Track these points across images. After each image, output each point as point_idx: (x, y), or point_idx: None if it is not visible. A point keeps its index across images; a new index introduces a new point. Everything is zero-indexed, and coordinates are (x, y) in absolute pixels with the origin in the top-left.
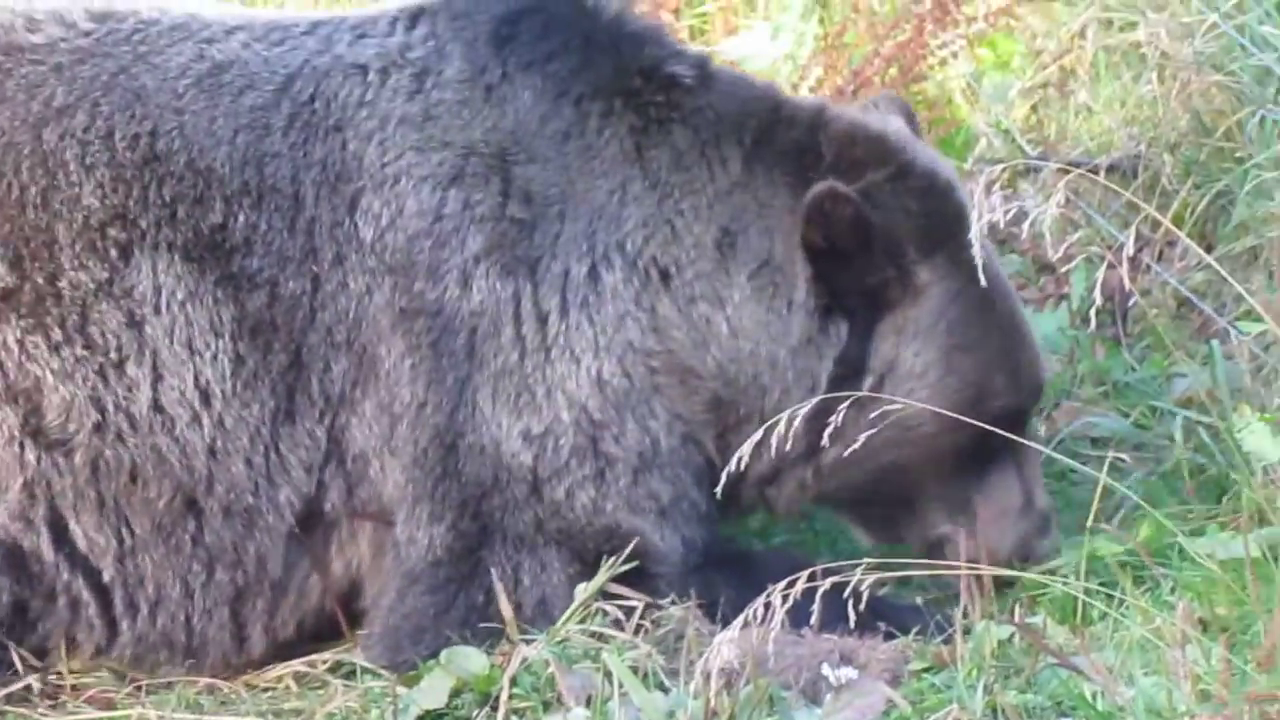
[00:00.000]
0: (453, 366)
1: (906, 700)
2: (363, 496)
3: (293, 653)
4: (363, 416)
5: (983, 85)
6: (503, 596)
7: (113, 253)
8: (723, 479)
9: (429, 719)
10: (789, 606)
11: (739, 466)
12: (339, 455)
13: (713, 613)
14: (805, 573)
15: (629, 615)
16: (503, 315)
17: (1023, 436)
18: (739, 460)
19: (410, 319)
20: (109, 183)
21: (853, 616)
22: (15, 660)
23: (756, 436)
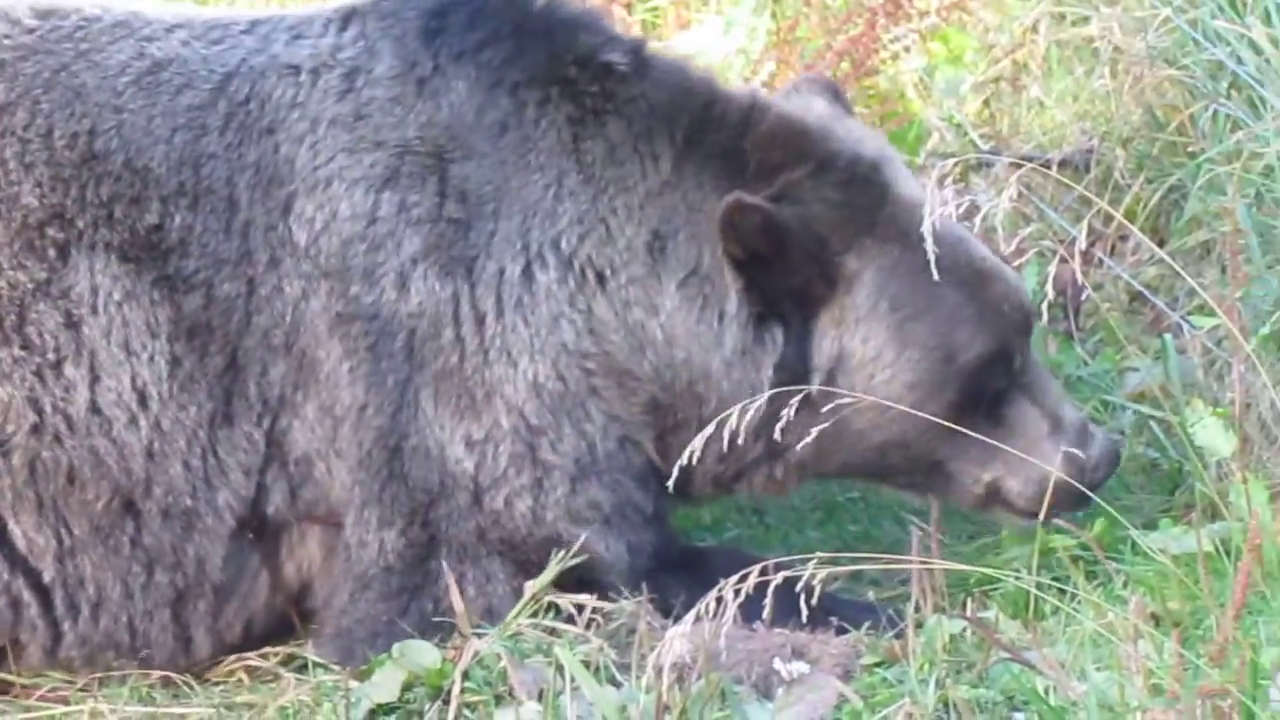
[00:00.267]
0: (392, 369)
1: (858, 695)
2: (308, 498)
3: (241, 653)
4: (305, 419)
5: (935, 79)
6: (454, 590)
7: (51, 252)
8: (674, 474)
9: (381, 713)
10: (741, 601)
11: (691, 460)
12: (280, 458)
13: (667, 610)
14: (757, 567)
15: (581, 610)
16: (442, 317)
17: (1019, 367)
18: (690, 454)
19: (347, 323)
20: (47, 182)
21: (805, 611)
22: None
23: (708, 431)
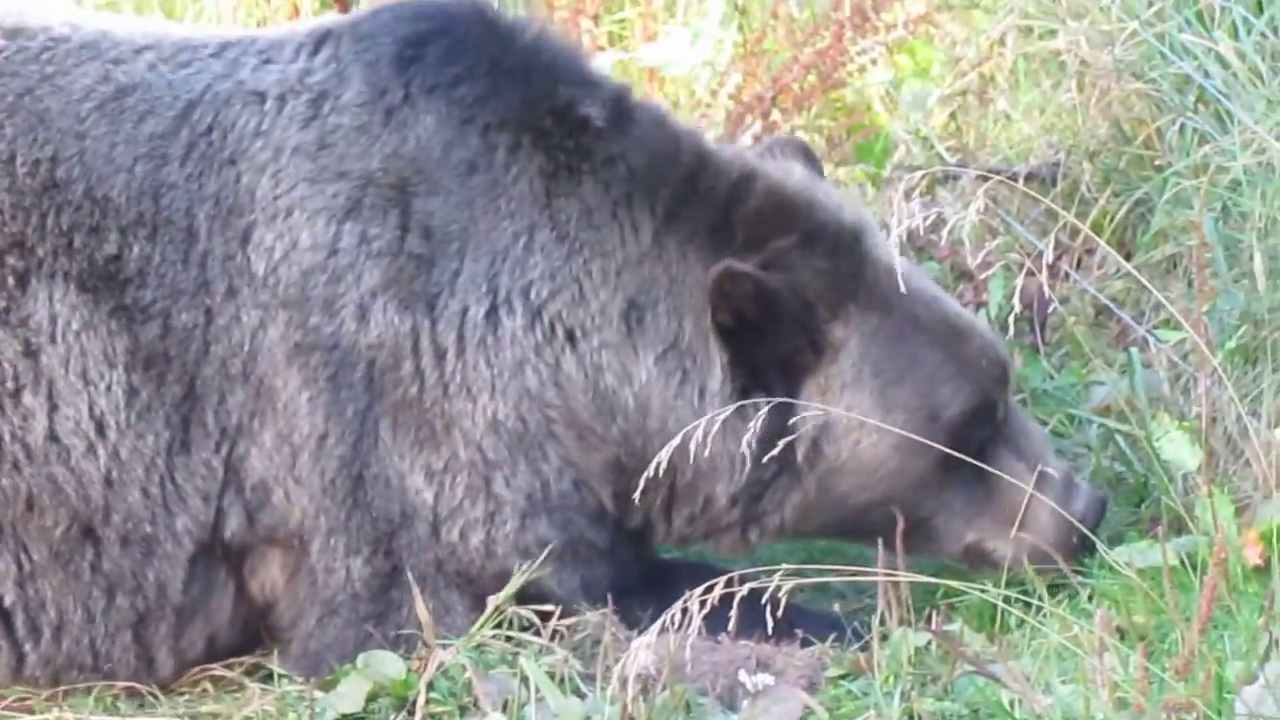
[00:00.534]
0: (352, 399)
1: (823, 707)
2: (266, 523)
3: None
4: (262, 446)
5: (902, 92)
6: (418, 602)
7: (10, 281)
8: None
9: None
10: (706, 613)
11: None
12: (237, 484)
13: (632, 623)
14: (722, 579)
15: (545, 621)
16: (401, 349)
17: (1001, 418)
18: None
19: (306, 353)
20: (9, 209)
21: (770, 623)
22: None
23: (649, 472)
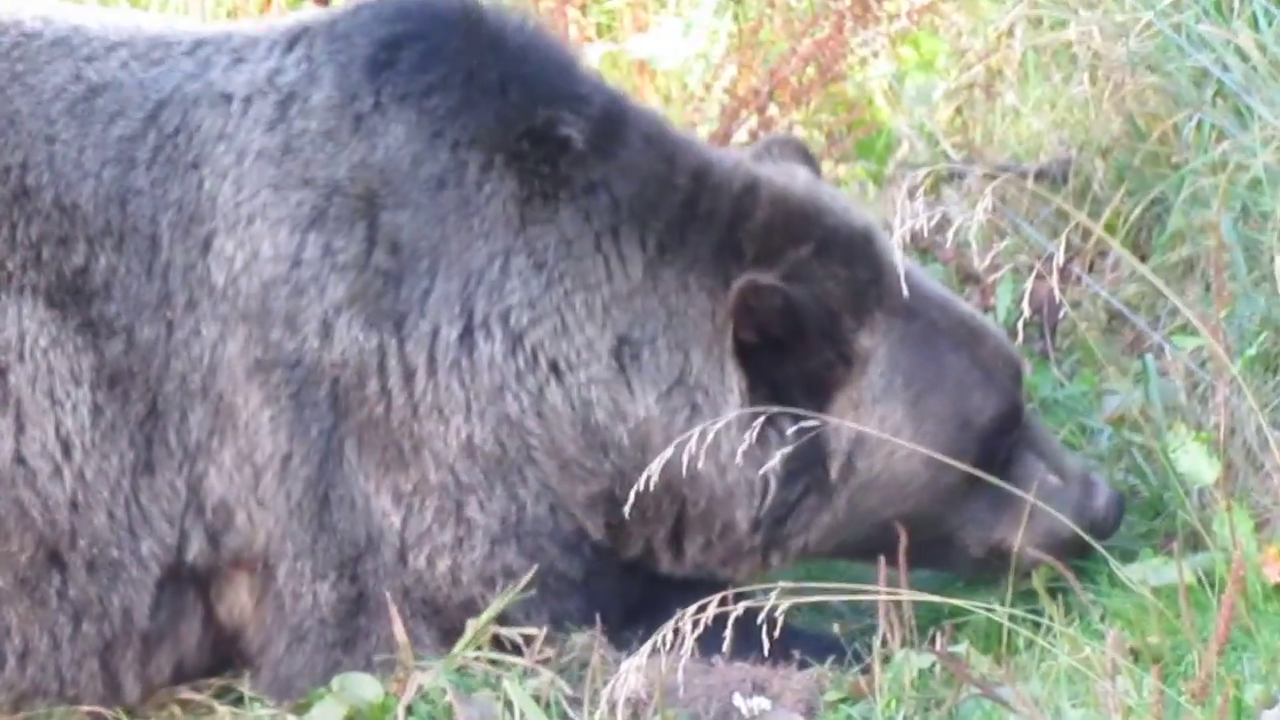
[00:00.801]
0: (316, 418)
1: None
2: (230, 546)
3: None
4: (222, 466)
5: (905, 86)
6: (395, 616)
7: None
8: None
9: None
10: (699, 633)
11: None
12: (198, 504)
13: (622, 645)
14: (716, 598)
15: (530, 642)
16: (366, 368)
17: (1023, 420)
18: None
19: (267, 370)
20: None
21: (766, 644)
22: None
23: (653, 468)
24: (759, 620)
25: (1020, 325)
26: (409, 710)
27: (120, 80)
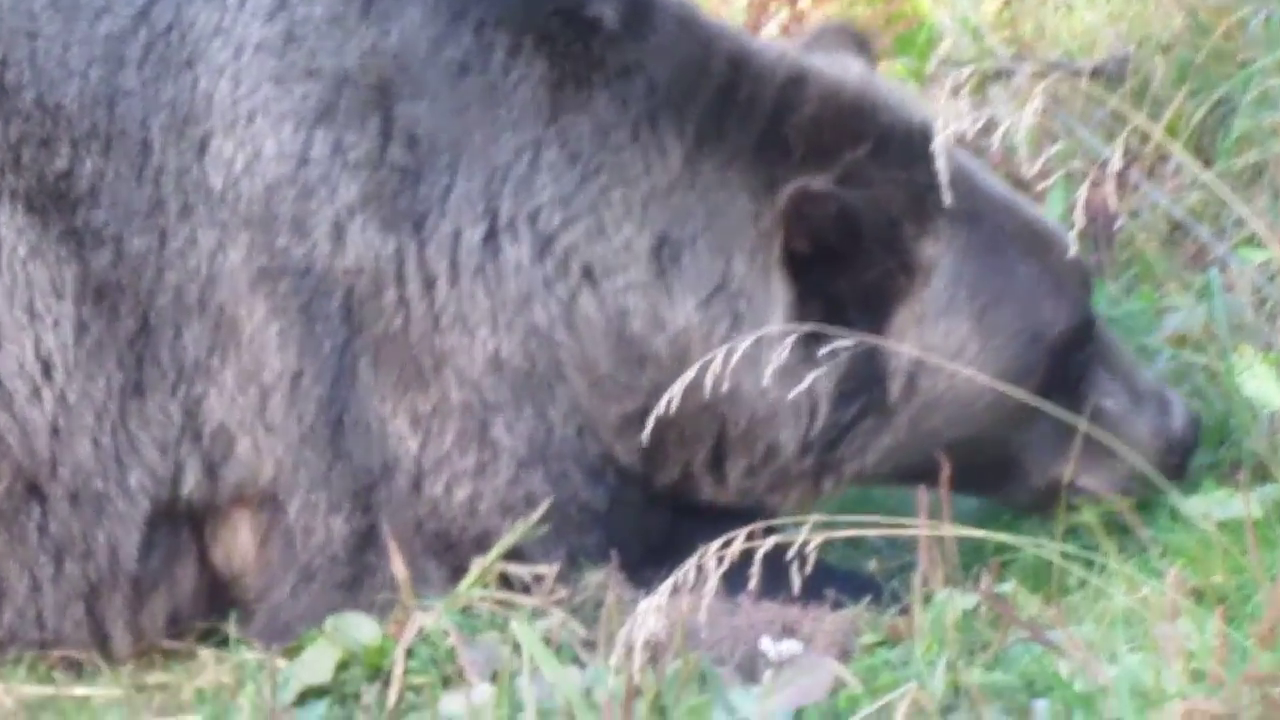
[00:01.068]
0: (329, 333)
1: (856, 678)
2: (229, 479)
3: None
4: (223, 387)
5: None
6: (394, 553)
7: None
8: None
9: (311, 696)
10: (724, 571)
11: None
12: (194, 430)
13: (640, 586)
14: (742, 532)
15: (540, 580)
16: (383, 275)
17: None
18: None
19: (273, 279)
20: None
21: (796, 583)
22: None
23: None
24: (789, 557)
25: (1073, 236)
26: (409, 654)
27: None
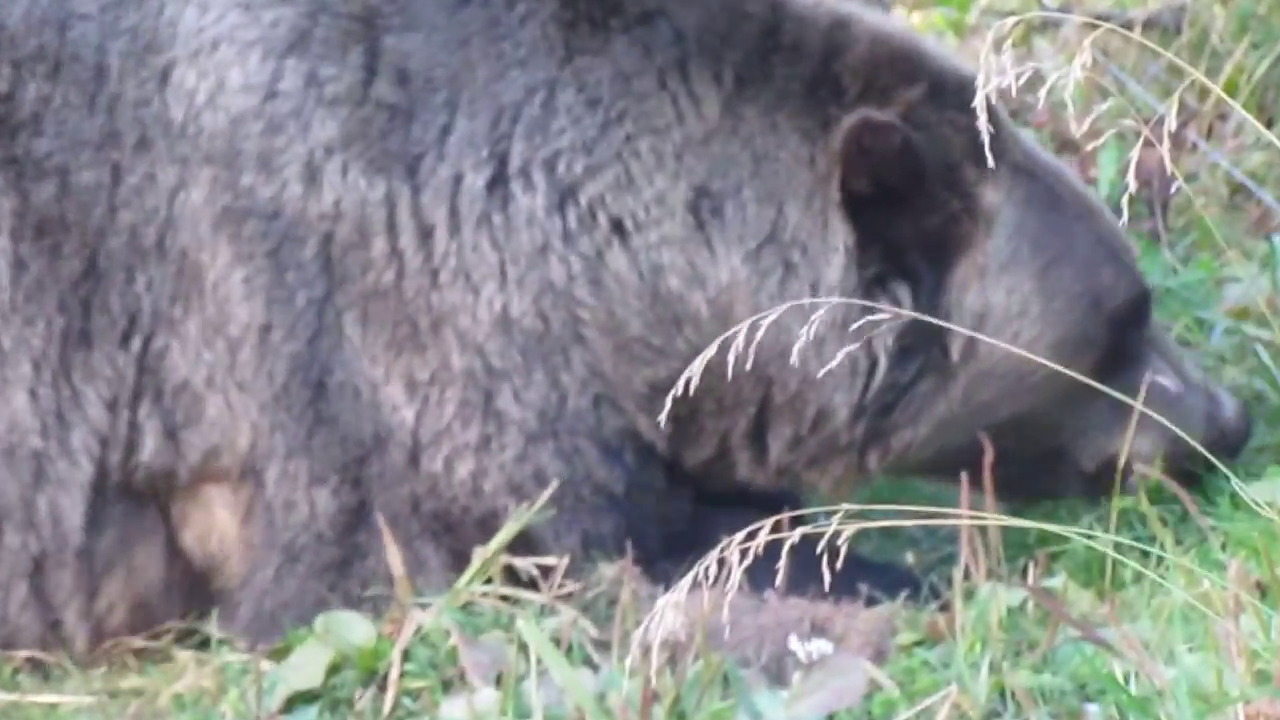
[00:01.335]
0: (303, 283)
1: (893, 680)
2: (197, 444)
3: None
4: (186, 340)
5: None
6: (391, 549)
7: None
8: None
9: (300, 701)
10: (749, 564)
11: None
12: (155, 388)
13: (658, 581)
14: (769, 522)
15: (547, 575)
16: (370, 222)
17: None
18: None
19: (237, 221)
20: None
21: (828, 577)
22: None
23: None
24: (819, 549)
25: (1125, 201)
26: (406, 655)
27: None
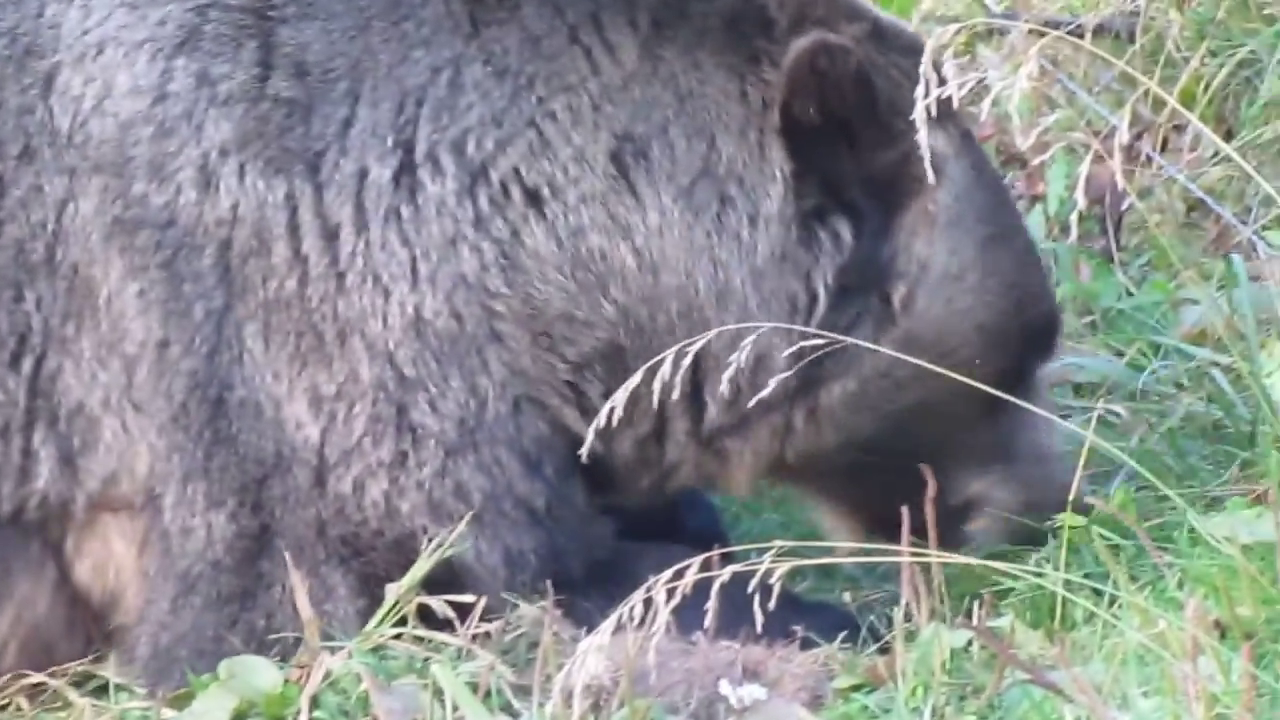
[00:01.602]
0: (200, 295)
1: None
2: (95, 471)
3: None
4: (80, 360)
5: None
6: (299, 588)
7: None
8: (589, 440)
9: None
10: (676, 605)
11: (610, 423)
12: (49, 412)
13: (579, 621)
14: (697, 560)
15: (464, 616)
16: (269, 226)
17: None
18: (609, 414)
19: (130, 232)
20: None
21: (760, 617)
22: None
23: (634, 381)
24: (751, 588)
25: (1075, 219)
26: (314, 702)
27: None
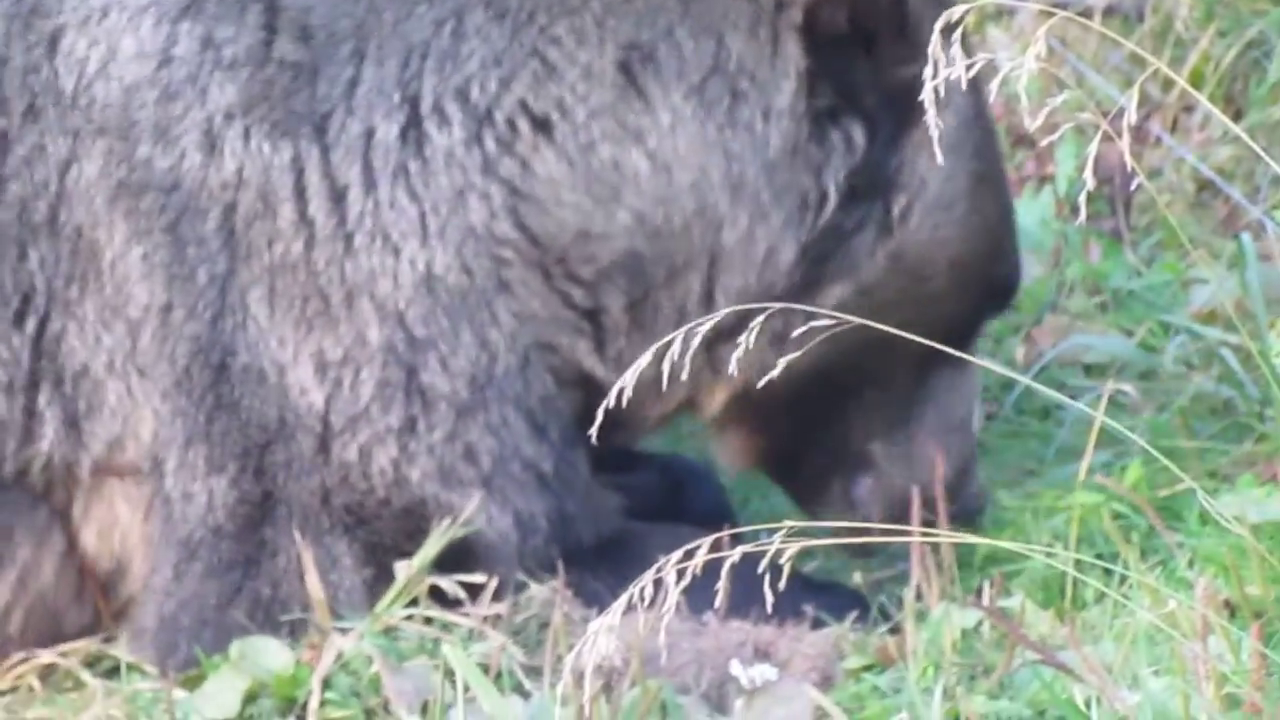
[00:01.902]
0: (204, 259)
1: (840, 708)
2: (100, 435)
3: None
4: (84, 322)
5: None
6: (308, 564)
7: None
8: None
9: None
10: (687, 585)
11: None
12: (54, 374)
13: (590, 601)
14: (708, 540)
15: (476, 596)
16: (275, 190)
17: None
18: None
19: (134, 195)
20: None
21: (770, 597)
22: None
23: (645, 359)
24: (761, 568)
25: (1084, 199)
26: (326, 684)
27: None
